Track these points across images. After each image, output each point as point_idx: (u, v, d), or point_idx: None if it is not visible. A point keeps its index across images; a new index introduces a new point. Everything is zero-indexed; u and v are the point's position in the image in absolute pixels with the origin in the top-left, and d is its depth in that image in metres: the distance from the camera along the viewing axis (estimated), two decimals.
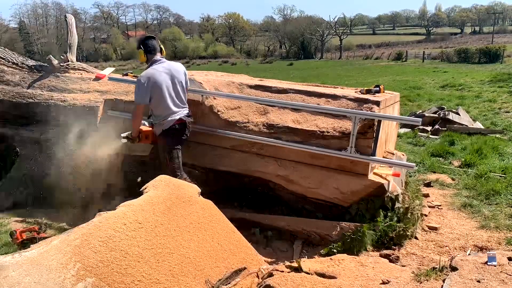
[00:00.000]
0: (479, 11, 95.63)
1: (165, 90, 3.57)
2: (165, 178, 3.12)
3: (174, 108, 3.63)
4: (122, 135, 3.73)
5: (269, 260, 3.40)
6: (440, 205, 4.44)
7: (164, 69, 3.62)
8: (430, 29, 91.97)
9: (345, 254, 3.25)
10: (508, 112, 9.91)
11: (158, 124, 3.67)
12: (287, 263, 3.00)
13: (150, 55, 3.66)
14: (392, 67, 31.53)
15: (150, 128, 3.77)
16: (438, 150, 6.42)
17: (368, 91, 3.92)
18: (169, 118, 3.61)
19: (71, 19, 5.46)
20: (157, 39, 3.83)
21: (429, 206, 4.38)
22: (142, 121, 3.77)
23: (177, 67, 3.76)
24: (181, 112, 3.69)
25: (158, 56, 3.68)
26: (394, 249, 3.47)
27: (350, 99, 3.83)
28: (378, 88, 3.96)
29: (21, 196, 4.56)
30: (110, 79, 4.76)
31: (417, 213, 3.88)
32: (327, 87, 4.64)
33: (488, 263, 2.83)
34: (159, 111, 3.64)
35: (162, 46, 3.78)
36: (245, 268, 2.94)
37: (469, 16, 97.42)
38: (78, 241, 2.32)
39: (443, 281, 2.69)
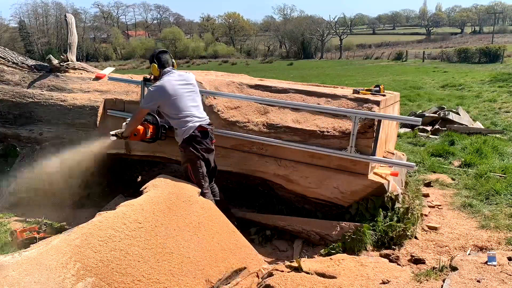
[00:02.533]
0: (479, 11, 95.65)
1: (177, 97, 3.53)
2: (165, 178, 3.12)
3: (192, 115, 3.54)
4: (111, 132, 3.73)
5: (269, 260, 3.40)
6: (440, 205, 4.44)
7: (177, 79, 3.61)
8: (430, 29, 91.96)
9: (345, 254, 3.26)
10: (508, 112, 9.91)
11: (178, 133, 3.59)
12: (287, 263, 3.00)
13: (163, 68, 3.68)
14: (392, 67, 31.53)
15: (140, 126, 3.70)
16: (438, 150, 6.42)
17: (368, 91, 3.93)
18: (189, 125, 3.50)
19: (71, 19, 5.46)
20: (169, 53, 3.84)
21: (429, 206, 4.38)
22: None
23: (189, 76, 3.75)
24: (202, 120, 3.58)
25: (169, 68, 3.70)
26: (394, 249, 3.47)
27: (350, 99, 3.83)
28: (378, 88, 3.96)
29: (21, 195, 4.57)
30: (110, 78, 4.76)
31: (417, 213, 3.88)
32: (327, 87, 4.64)
33: (488, 263, 2.83)
34: (174, 118, 3.56)
35: (174, 60, 3.79)
36: (245, 268, 2.94)
37: (469, 16, 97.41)
38: (78, 241, 2.32)
39: (443, 281, 2.69)
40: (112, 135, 3.68)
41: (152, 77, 3.94)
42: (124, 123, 3.72)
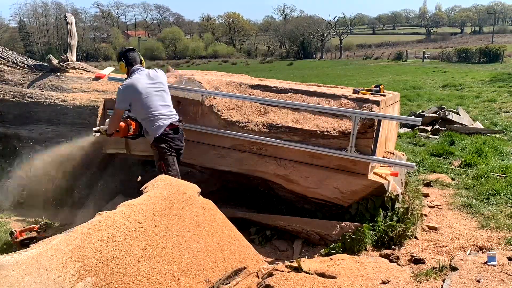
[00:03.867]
0: (479, 11, 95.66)
1: (147, 96, 3.52)
2: (165, 177, 3.11)
3: (161, 114, 3.55)
4: (94, 129, 3.75)
5: (269, 259, 3.40)
6: (440, 205, 4.44)
7: (145, 77, 3.61)
8: (430, 29, 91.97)
9: (345, 254, 3.26)
10: (508, 112, 9.91)
11: (149, 132, 3.60)
12: (287, 263, 3.00)
13: (130, 66, 3.67)
14: (392, 67, 31.53)
15: (122, 123, 3.71)
16: (438, 150, 6.42)
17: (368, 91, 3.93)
18: (160, 123, 3.52)
19: (71, 19, 5.46)
20: (137, 51, 3.85)
21: (429, 206, 4.38)
22: (125, 114, 3.75)
23: (157, 74, 3.73)
24: (172, 117, 3.60)
25: (137, 66, 3.69)
26: (394, 249, 3.47)
27: (350, 99, 3.83)
28: (378, 88, 3.96)
29: (21, 195, 4.57)
30: (110, 78, 4.76)
31: (417, 213, 3.88)
32: (327, 86, 4.64)
33: (488, 263, 2.83)
34: (144, 118, 3.57)
35: (142, 58, 3.80)
36: (245, 268, 2.94)
37: (469, 16, 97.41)
38: (78, 241, 2.31)
39: (443, 281, 2.69)
40: (95, 131, 3.71)
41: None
42: (107, 120, 3.75)
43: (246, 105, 4.13)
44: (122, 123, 3.68)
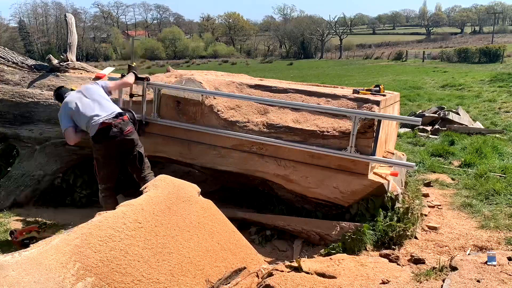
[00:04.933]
0: (479, 11, 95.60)
1: (81, 106, 3.58)
2: (165, 177, 3.11)
3: (95, 115, 3.52)
4: None
5: (269, 259, 3.40)
6: (440, 205, 4.44)
7: (74, 93, 3.73)
8: (430, 29, 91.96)
9: (345, 254, 3.26)
10: (508, 112, 9.91)
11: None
12: (287, 263, 3.00)
13: (63, 100, 3.79)
14: (392, 66, 31.53)
15: None
16: (438, 150, 6.42)
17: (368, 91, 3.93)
18: (92, 124, 3.49)
19: (71, 19, 5.45)
20: (65, 87, 4.05)
21: (429, 206, 4.38)
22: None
23: (86, 86, 3.83)
24: (106, 116, 3.52)
25: (67, 93, 3.82)
26: (394, 249, 3.47)
27: (350, 99, 3.83)
28: (378, 88, 3.96)
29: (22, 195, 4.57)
30: (110, 78, 4.75)
31: (417, 213, 3.88)
32: (327, 86, 4.64)
33: (488, 263, 2.83)
34: (84, 125, 3.58)
35: (73, 87, 3.94)
36: (245, 268, 2.94)
37: (469, 16, 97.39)
38: (78, 241, 2.31)
39: (443, 281, 2.69)
40: None
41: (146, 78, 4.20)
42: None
43: (246, 105, 4.13)
44: None
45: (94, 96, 3.66)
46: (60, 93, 3.89)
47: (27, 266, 2.11)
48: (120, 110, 3.67)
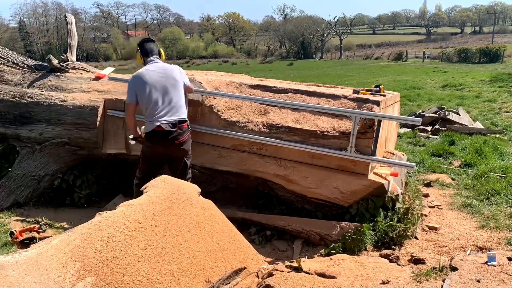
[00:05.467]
0: (479, 11, 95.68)
1: (151, 90, 3.41)
2: (166, 177, 3.11)
3: (159, 110, 3.42)
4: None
5: (269, 260, 3.40)
6: (440, 205, 4.44)
7: (156, 68, 3.51)
8: (430, 29, 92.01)
9: (345, 254, 3.26)
10: (508, 112, 9.91)
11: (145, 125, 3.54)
12: (287, 263, 3.00)
13: (146, 57, 3.60)
14: (392, 67, 31.53)
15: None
16: (438, 150, 6.42)
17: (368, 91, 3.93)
18: (151, 121, 3.43)
19: (71, 19, 5.45)
20: (156, 43, 3.75)
21: (429, 206, 4.38)
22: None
23: (172, 67, 3.62)
24: (166, 119, 3.43)
25: (153, 57, 3.61)
26: (394, 249, 3.47)
27: (350, 99, 3.83)
28: (378, 88, 3.96)
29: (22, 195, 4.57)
30: (110, 79, 4.76)
31: (417, 213, 3.88)
32: (327, 87, 4.64)
33: (488, 263, 2.83)
34: (145, 111, 3.48)
35: (161, 50, 3.72)
36: (245, 268, 2.94)
37: (469, 16, 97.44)
38: (78, 241, 2.31)
39: (443, 281, 2.69)
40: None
41: None
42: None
43: (246, 105, 4.13)
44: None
45: (171, 90, 3.46)
46: (145, 49, 3.59)
47: (27, 266, 2.11)
48: (184, 116, 3.55)
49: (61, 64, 4.99)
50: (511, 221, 3.92)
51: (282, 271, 2.83)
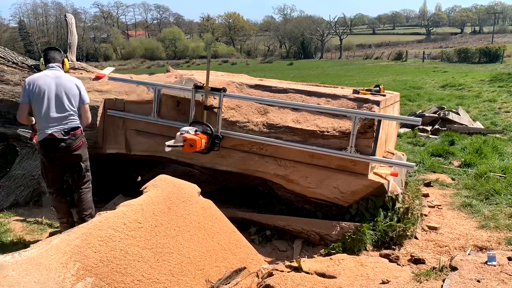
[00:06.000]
0: (479, 11, 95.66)
1: (44, 94, 3.37)
2: (165, 177, 3.11)
3: (49, 119, 3.37)
4: (167, 143, 3.70)
5: (269, 259, 3.40)
6: (440, 205, 4.44)
7: (53, 75, 3.48)
8: (430, 29, 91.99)
9: (345, 254, 3.26)
10: (508, 112, 9.91)
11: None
12: (287, 263, 3.00)
13: (47, 63, 3.58)
14: (392, 67, 31.52)
15: (196, 137, 3.70)
16: (438, 150, 6.42)
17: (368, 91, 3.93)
18: (43, 130, 3.38)
19: (71, 19, 5.45)
20: (61, 52, 3.75)
21: (429, 206, 4.38)
22: (186, 129, 3.75)
23: (69, 77, 3.58)
24: (58, 127, 3.39)
25: (54, 65, 3.56)
26: (394, 249, 3.47)
27: (350, 99, 3.83)
28: (378, 88, 3.97)
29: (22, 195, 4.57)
30: (110, 78, 4.76)
31: (417, 213, 3.88)
32: (327, 86, 4.65)
33: (488, 263, 2.83)
34: (37, 118, 3.45)
35: (66, 60, 3.68)
36: (245, 268, 2.94)
37: (469, 16, 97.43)
38: (78, 241, 2.32)
39: (443, 281, 2.69)
40: (167, 145, 3.68)
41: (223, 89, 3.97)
42: (179, 133, 3.70)
43: (246, 105, 4.13)
44: (197, 138, 3.68)
45: (64, 98, 3.43)
46: (48, 57, 3.56)
47: (27, 266, 2.11)
48: (76, 124, 3.50)
49: None
50: (511, 221, 3.92)
51: (282, 271, 2.84)
